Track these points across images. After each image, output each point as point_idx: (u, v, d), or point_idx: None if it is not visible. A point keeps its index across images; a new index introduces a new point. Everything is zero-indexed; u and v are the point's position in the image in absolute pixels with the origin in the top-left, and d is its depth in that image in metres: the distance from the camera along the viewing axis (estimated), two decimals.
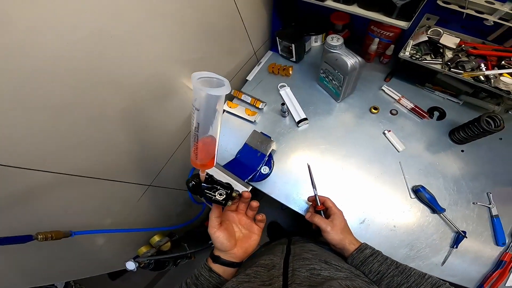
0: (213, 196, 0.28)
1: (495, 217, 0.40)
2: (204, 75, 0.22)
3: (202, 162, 0.26)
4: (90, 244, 0.49)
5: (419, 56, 0.45)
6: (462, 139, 0.46)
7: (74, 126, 0.32)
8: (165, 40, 0.38)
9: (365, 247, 0.31)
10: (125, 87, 0.36)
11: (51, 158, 0.32)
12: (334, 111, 0.55)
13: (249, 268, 0.26)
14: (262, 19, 0.60)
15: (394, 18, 0.43)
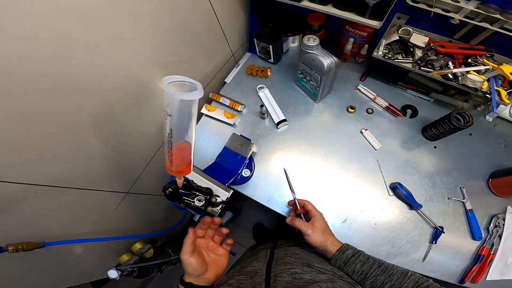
0: (192, 203, 0.28)
1: (469, 211, 0.40)
2: (176, 79, 0.22)
3: (178, 169, 0.25)
4: (67, 254, 0.46)
5: (391, 56, 0.46)
6: (434, 135, 0.46)
7: (42, 134, 0.30)
8: (139, 43, 0.37)
9: (346, 247, 0.30)
10: (97, 92, 0.34)
11: (20, 169, 0.30)
12: (312, 111, 0.55)
13: (232, 278, 0.25)
14: (239, 20, 0.60)
15: (367, 18, 0.43)
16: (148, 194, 0.62)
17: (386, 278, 0.27)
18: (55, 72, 0.27)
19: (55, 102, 0.29)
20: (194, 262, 0.27)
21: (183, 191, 0.29)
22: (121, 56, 0.35)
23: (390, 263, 0.28)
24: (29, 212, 0.34)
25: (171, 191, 0.28)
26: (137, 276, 0.65)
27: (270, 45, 0.53)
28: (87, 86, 0.32)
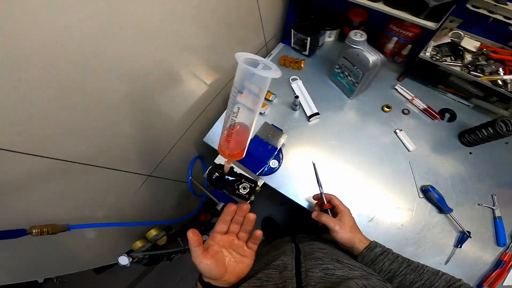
0: (237, 190, 0.27)
1: (498, 218, 0.43)
2: (249, 57, 0.21)
3: (232, 152, 0.24)
4: (80, 238, 0.47)
5: (439, 58, 0.47)
6: (472, 141, 0.48)
7: (76, 109, 0.31)
8: (175, 25, 0.37)
9: (375, 245, 0.31)
10: (130, 72, 0.35)
11: (50, 143, 0.31)
12: (345, 107, 0.57)
13: (260, 272, 0.25)
14: (278, 10, 0.61)
15: (422, 18, 0.44)
16: (169, 178, 0.65)
17: (416, 277, 0.27)
18: (90, 50, 0.28)
19: (88, 80, 0.30)
20: (208, 265, 0.24)
21: (230, 177, 0.28)
22: (156, 38, 0.35)
23: (420, 263, 0.29)
24: (52, 191, 0.35)
25: (217, 175, 0.28)
26: (147, 264, 0.67)
27: (308, 37, 0.55)
28: (118, 66, 0.33)
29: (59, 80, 0.27)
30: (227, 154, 0.25)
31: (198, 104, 0.56)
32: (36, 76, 0.25)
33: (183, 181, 0.72)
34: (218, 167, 0.28)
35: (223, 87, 0.62)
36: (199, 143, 0.68)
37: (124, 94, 0.36)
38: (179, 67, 0.44)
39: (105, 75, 0.32)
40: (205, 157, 0.76)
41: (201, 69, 0.51)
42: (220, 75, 0.58)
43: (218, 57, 0.53)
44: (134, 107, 0.40)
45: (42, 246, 0.40)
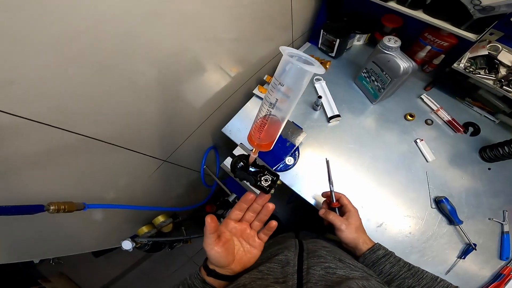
0: (259, 181, 0.28)
1: (505, 233, 0.47)
2: (292, 51, 0.22)
3: (261, 142, 0.26)
4: (87, 219, 0.50)
5: (472, 70, 0.50)
6: (493, 157, 0.52)
7: (107, 89, 0.34)
8: (208, 15, 0.41)
9: (378, 247, 0.33)
10: (160, 58, 0.38)
11: (80, 119, 0.33)
12: (367, 112, 0.61)
13: (262, 264, 0.27)
14: (310, 9, 0.65)
15: (463, 29, 0.46)
16: (182, 166, 0.72)
17: (415, 281, 0.29)
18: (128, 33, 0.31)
19: (122, 62, 0.33)
20: (218, 253, 0.26)
21: (253, 167, 0.30)
22: (188, 27, 0.38)
23: (420, 268, 0.31)
24: (72, 167, 0.38)
25: (242, 165, 0.29)
26: (149, 250, 0.73)
27: (338, 39, 0.58)
28: (150, 51, 0.36)
29: (97, 60, 0.30)
30: (255, 144, 0.26)
31: (219, 95, 0.61)
32: (77, 54, 0.28)
33: (195, 170, 0.79)
34: (243, 157, 0.30)
35: (246, 80, 0.67)
36: (215, 133, 0.74)
37: (152, 78, 0.40)
38: (205, 57, 0.48)
39: (137, 58, 0.35)
40: (219, 148, 0.82)
41: (226, 61, 0.55)
42: (244, 69, 0.62)
43: (244, 51, 0.58)
44: (160, 92, 0.43)
45: (47, 225, 0.42)
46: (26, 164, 0.32)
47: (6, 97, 0.25)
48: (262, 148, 0.27)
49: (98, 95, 0.34)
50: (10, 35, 0.23)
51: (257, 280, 0.24)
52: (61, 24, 0.25)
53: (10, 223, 0.35)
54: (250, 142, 0.27)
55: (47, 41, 0.25)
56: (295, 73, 0.21)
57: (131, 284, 1.33)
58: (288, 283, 0.23)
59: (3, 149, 0.29)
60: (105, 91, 0.34)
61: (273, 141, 0.27)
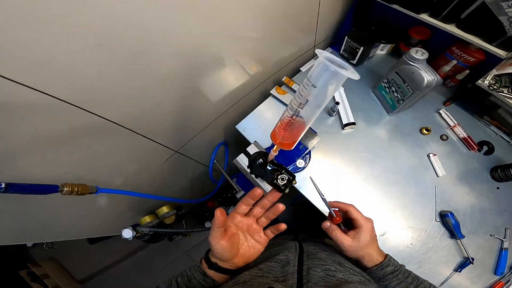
0: (275, 179, 0.31)
1: (504, 249, 0.54)
2: (330, 56, 0.24)
3: (283, 141, 0.29)
4: (92, 204, 0.54)
5: (496, 87, 0.55)
6: (503, 177, 0.58)
7: (133, 76, 0.38)
8: (235, 12, 0.44)
9: (387, 264, 0.33)
10: (184, 51, 0.42)
11: (104, 102, 0.37)
12: (383, 122, 0.67)
13: (262, 263, 0.29)
14: (336, 16, 0.70)
15: (494, 46, 0.50)
16: (192, 158, 0.80)
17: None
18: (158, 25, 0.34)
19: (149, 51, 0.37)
20: (222, 246, 0.28)
21: (271, 165, 0.33)
22: (214, 22, 0.42)
23: (429, 283, 0.33)
24: (89, 149, 0.41)
25: (261, 162, 0.32)
26: (148, 240, 0.80)
27: (362, 47, 0.64)
28: (176, 43, 0.39)
29: (128, 48, 0.34)
30: (278, 142, 0.29)
31: (236, 92, 0.68)
32: (114, 40, 0.32)
33: (204, 164, 0.87)
34: (262, 154, 0.34)
35: (264, 80, 0.73)
36: (228, 129, 0.81)
37: (174, 70, 0.44)
38: (227, 53, 0.53)
39: (163, 49, 0.39)
40: (229, 145, 0.90)
41: (246, 59, 0.61)
42: (264, 69, 0.68)
43: (266, 51, 0.63)
44: (180, 84, 0.48)
45: (50, 208, 0.44)
46: (44, 143, 0.35)
47: (40, 75, 0.29)
48: (283, 147, 0.30)
49: (124, 81, 0.37)
50: (55, 16, 0.26)
51: (257, 277, 0.26)
52: (104, 10, 0.28)
53: (12, 203, 0.37)
54: (273, 139, 0.30)
55: (88, 25, 0.28)
56: (329, 77, 0.23)
57: (123, 273, 1.44)
58: (288, 281, 0.25)
59: (26, 126, 0.32)
60: (131, 78, 0.38)
61: (295, 141, 0.30)
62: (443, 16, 0.54)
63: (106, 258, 1.49)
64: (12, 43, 0.25)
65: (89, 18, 0.28)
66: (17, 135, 0.32)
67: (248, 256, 0.31)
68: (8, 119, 0.30)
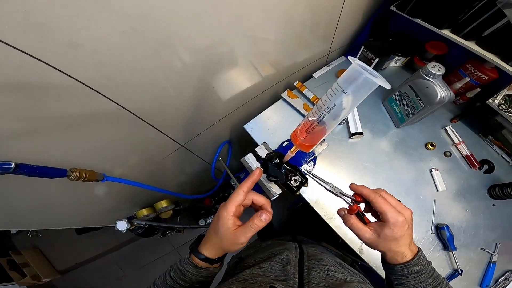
0: (289, 180, 0.35)
1: (492, 263, 0.62)
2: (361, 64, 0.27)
3: (303, 143, 0.32)
4: (89, 193, 0.57)
5: (505, 107, 0.61)
6: (500, 195, 0.66)
7: (154, 67, 0.42)
8: (253, 13, 0.48)
9: (414, 263, 0.31)
10: (199, 47, 0.46)
11: (121, 90, 0.40)
12: (389, 134, 0.75)
13: (263, 262, 0.31)
14: (354, 26, 0.75)
15: (510, 65, 0.55)
16: (196, 154, 0.86)
17: None
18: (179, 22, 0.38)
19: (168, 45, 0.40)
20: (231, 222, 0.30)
21: (287, 166, 0.36)
22: (233, 22, 0.46)
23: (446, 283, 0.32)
24: (99, 136, 0.45)
25: (278, 162, 0.36)
26: (141, 234, 0.86)
27: (377, 57, 0.69)
28: (193, 39, 0.43)
29: (153, 38, 0.37)
30: (298, 143, 0.31)
31: (247, 92, 0.74)
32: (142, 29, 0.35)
33: (207, 161, 0.94)
34: (278, 155, 0.37)
35: (275, 83, 0.79)
36: (235, 129, 0.88)
37: (191, 64, 0.48)
38: (241, 53, 0.58)
39: (183, 43, 0.42)
40: (233, 144, 0.97)
41: (260, 61, 0.67)
42: (276, 71, 0.74)
43: (280, 54, 0.69)
44: (193, 79, 0.52)
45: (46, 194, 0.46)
46: (58, 126, 0.37)
47: (69, 58, 0.31)
48: (302, 148, 0.32)
49: (145, 71, 0.41)
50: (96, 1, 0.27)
51: (258, 276, 0.28)
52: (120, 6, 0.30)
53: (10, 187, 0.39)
54: (293, 140, 0.33)
55: (121, 12, 0.31)
56: (361, 84, 0.25)
57: (107, 265, 1.50)
58: (289, 281, 0.27)
59: (44, 107, 0.34)
60: (151, 68, 0.41)
61: (314, 145, 0.32)
62: (465, 33, 0.60)
63: (92, 250, 1.55)
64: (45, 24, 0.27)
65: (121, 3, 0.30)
66: (33, 116, 0.34)
67: None
68: (30, 99, 0.32)
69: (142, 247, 1.55)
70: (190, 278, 0.31)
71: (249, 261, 0.35)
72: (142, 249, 1.54)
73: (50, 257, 1.55)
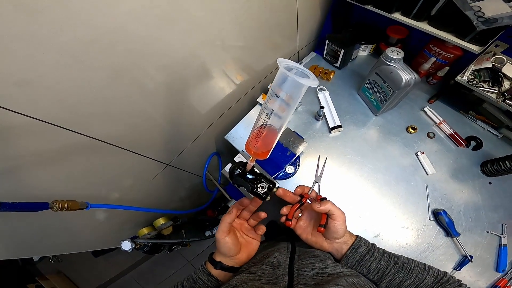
0: (255, 188, 0.31)
1: (503, 246, 0.51)
2: (290, 64, 0.25)
3: (258, 151, 0.29)
4: (90, 218, 0.55)
5: (476, 82, 0.54)
6: (494, 172, 0.56)
7: (118, 92, 0.38)
8: (218, 22, 0.45)
9: (358, 244, 0.32)
10: (170, 64, 0.42)
11: (89, 121, 0.38)
12: (369, 123, 0.66)
13: (253, 266, 0.29)
14: (315, 19, 0.70)
15: (466, 41, 0.50)
16: (185, 170, 0.79)
17: (405, 275, 0.29)
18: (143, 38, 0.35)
19: (134, 66, 0.36)
20: (229, 242, 0.31)
21: (250, 175, 0.32)
22: (198, 34, 0.42)
23: (405, 257, 0.32)
24: (77, 167, 0.41)
25: (240, 172, 0.32)
26: (148, 251, 0.79)
27: (342, 49, 0.64)
28: (162, 56, 0.39)
29: (111, 64, 0.34)
30: (252, 152, 0.29)
31: (224, 101, 0.68)
32: (94, 57, 0.31)
33: (197, 175, 0.86)
34: (241, 164, 0.33)
35: (250, 88, 0.73)
36: (219, 140, 0.80)
37: (161, 83, 0.44)
38: (213, 63, 0.53)
39: (148, 63, 0.39)
40: (222, 154, 0.89)
41: (232, 68, 0.62)
42: (250, 77, 0.68)
43: (250, 59, 0.64)
44: (167, 97, 0.48)
45: (51, 223, 0.45)
46: (34, 163, 0.36)
47: (20, 97, 0.28)
48: (259, 157, 0.30)
49: (109, 98, 0.38)
50: (31, 37, 0.25)
51: (248, 281, 0.26)
52: (81, 28, 0.28)
53: (14, 219, 0.38)
54: (247, 151, 0.31)
55: (66, 44, 0.28)
56: (291, 85, 0.24)
57: (129, 284, 1.43)
58: (279, 284, 0.25)
59: (14, 147, 0.32)
60: (116, 94, 0.38)
61: (269, 150, 0.30)
62: (414, 14, 0.54)
63: (111, 271, 1.48)
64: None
65: (68, 35, 0.28)
66: (7, 156, 0.33)
67: (250, 250, 0.34)
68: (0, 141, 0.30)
69: (157, 264, 1.45)
70: (199, 286, 0.31)
71: (244, 266, 0.33)
72: (157, 266, 1.45)
73: (75, 280, 1.47)
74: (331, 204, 0.32)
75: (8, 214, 0.34)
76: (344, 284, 0.23)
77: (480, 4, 0.42)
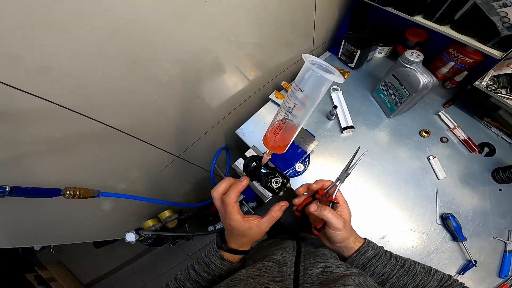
0: (269, 182, 0.33)
1: (508, 252, 0.54)
2: (315, 60, 0.25)
3: (275, 145, 0.30)
4: (97, 208, 0.56)
5: (494, 88, 0.55)
6: (505, 179, 0.58)
7: (135, 83, 0.40)
8: (234, 17, 0.46)
9: (366, 248, 0.33)
10: (184, 57, 0.44)
11: (105, 109, 0.39)
12: (382, 125, 0.68)
13: (259, 262, 0.30)
14: (333, 19, 0.71)
15: (489, 46, 0.51)
16: (193, 163, 0.82)
17: (410, 278, 0.30)
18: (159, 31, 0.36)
19: (151, 59, 0.38)
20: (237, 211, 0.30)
21: (265, 169, 0.34)
22: (213, 28, 0.44)
23: (412, 260, 0.32)
24: (91, 155, 0.43)
25: (255, 165, 0.33)
26: (151, 244, 0.83)
27: (359, 50, 0.65)
28: (177, 50, 0.40)
29: (129, 55, 0.35)
30: (270, 146, 0.30)
31: (236, 97, 0.70)
32: (113, 47, 0.33)
33: (205, 168, 0.89)
34: (256, 158, 0.35)
35: (263, 85, 0.75)
36: (229, 134, 0.83)
37: (175, 76, 0.45)
38: (226, 58, 0.55)
39: (164, 56, 0.40)
40: (231, 149, 0.92)
41: (246, 65, 0.63)
42: (263, 74, 0.70)
43: (264, 56, 0.65)
44: (180, 90, 0.50)
45: (56, 212, 0.46)
46: (48, 149, 0.37)
47: (42, 82, 0.30)
48: (276, 150, 0.31)
49: (125, 88, 0.39)
50: (56, 25, 0.27)
51: (254, 276, 0.27)
52: (104, 17, 0.30)
53: (19, 207, 0.39)
54: (265, 144, 0.31)
55: (89, 33, 0.30)
56: (315, 81, 0.24)
57: (128, 277, 1.48)
58: (285, 282, 0.26)
59: (29, 132, 0.33)
60: (132, 84, 0.39)
61: (287, 144, 0.31)
62: (437, 18, 0.55)
63: (111, 262, 1.53)
64: (15, 51, 0.26)
65: (91, 24, 0.29)
66: (21, 141, 0.34)
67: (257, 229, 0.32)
68: (13, 126, 0.32)
69: (158, 257, 1.50)
70: (213, 270, 0.31)
71: (249, 262, 0.33)
72: (158, 259, 1.50)
73: (74, 271, 1.53)
74: (331, 213, 0.31)
75: (14, 202, 0.34)
76: (351, 283, 0.24)
77: (507, 10, 0.43)
